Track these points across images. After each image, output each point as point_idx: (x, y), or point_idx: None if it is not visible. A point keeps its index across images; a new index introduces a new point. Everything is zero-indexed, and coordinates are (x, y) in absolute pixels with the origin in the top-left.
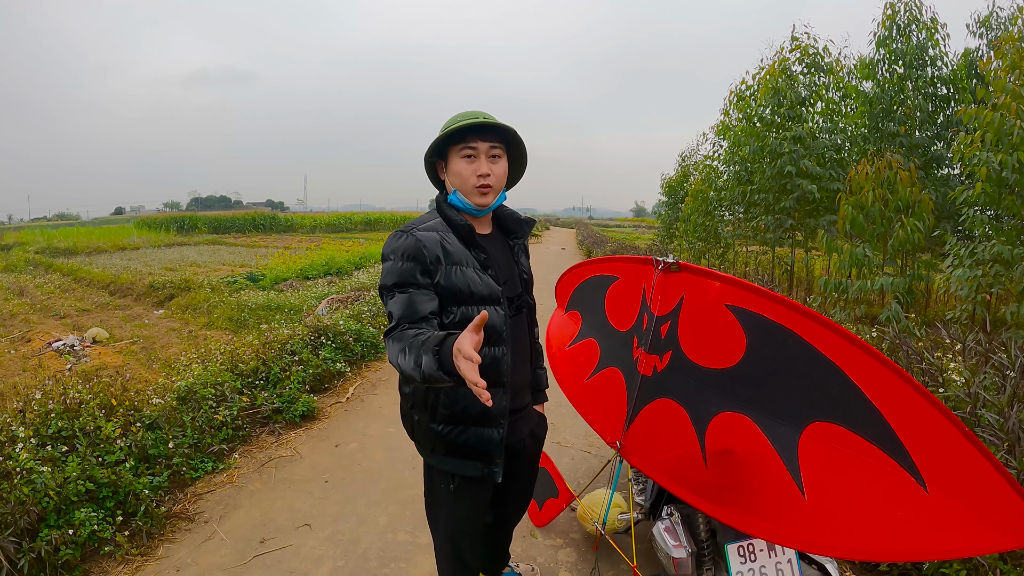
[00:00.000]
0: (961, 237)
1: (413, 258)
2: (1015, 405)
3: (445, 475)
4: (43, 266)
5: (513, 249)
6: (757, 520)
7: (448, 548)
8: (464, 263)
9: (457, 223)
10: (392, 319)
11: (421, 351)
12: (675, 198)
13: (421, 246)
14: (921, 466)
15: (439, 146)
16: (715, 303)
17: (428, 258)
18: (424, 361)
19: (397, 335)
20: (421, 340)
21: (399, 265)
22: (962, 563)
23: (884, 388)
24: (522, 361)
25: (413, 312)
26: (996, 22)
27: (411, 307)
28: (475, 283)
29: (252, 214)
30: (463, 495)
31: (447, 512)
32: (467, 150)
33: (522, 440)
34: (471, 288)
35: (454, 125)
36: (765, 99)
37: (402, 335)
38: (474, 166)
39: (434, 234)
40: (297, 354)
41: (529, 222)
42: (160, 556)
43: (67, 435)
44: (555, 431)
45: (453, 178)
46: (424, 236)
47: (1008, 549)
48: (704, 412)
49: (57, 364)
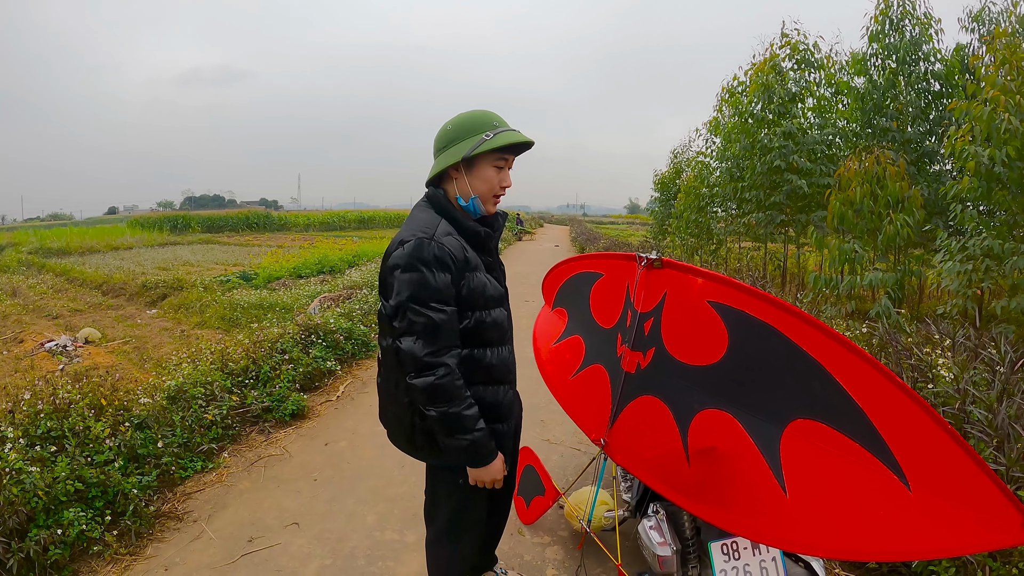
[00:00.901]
0: (952, 232)
1: (445, 267)
2: (1004, 401)
3: (451, 474)
4: (36, 266)
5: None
6: (739, 518)
7: (448, 546)
8: (479, 268)
9: (470, 229)
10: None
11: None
12: (668, 195)
13: (449, 255)
14: (904, 464)
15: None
16: (697, 300)
17: (456, 266)
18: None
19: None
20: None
21: (435, 277)
22: (951, 561)
23: (867, 386)
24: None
25: (453, 336)
26: (988, 17)
27: (452, 330)
28: (489, 287)
29: (246, 213)
30: (468, 491)
31: (451, 510)
32: (501, 161)
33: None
34: (486, 292)
35: (507, 137)
36: (756, 96)
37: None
38: (501, 176)
39: (454, 240)
40: (287, 353)
41: (503, 215)
42: (149, 555)
43: (56, 435)
44: (545, 428)
45: (478, 183)
46: (448, 243)
47: (992, 548)
48: (687, 409)
49: (49, 365)
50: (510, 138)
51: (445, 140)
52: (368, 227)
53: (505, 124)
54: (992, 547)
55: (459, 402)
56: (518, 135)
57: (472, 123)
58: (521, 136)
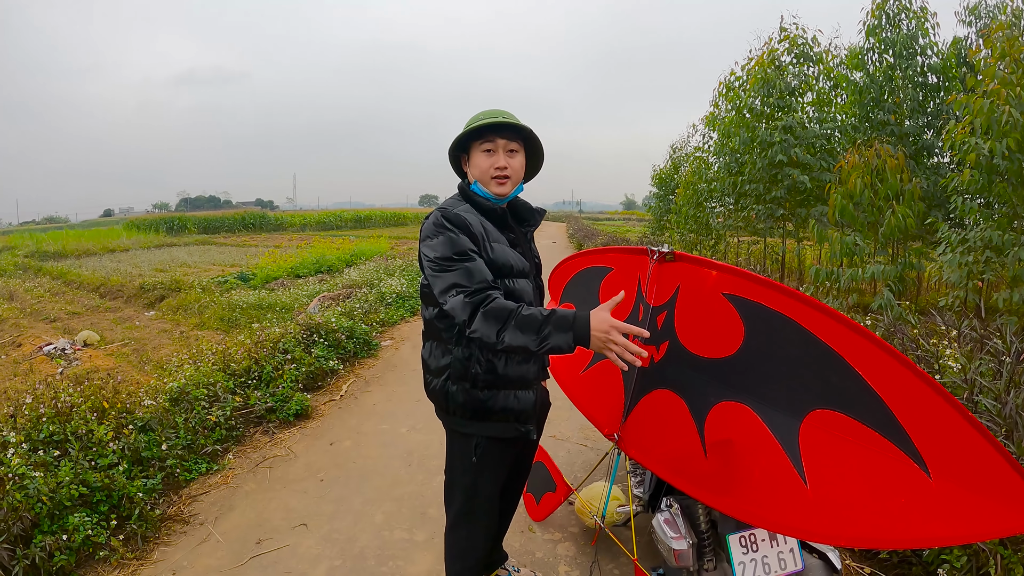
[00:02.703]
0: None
1: (463, 230)
2: (1012, 391)
3: (469, 446)
4: (32, 270)
5: (526, 235)
6: (758, 510)
7: (464, 527)
8: (500, 240)
9: (487, 207)
10: (459, 287)
11: (547, 327)
12: (666, 190)
13: (467, 221)
14: (924, 452)
15: (462, 141)
16: (712, 292)
17: (475, 232)
18: (555, 337)
19: (493, 310)
20: (539, 316)
21: (454, 236)
22: (962, 549)
23: (885, 374)
24: None
25: (482, 277)
26: (985, 10)
27: (479, 273)
28: (512, 258)
29: (242, 213)
30: (487, 465)
31: (467, 487)
32: (487, 145)
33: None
34: (511, 262)
35: (475, 123)
36: (754, 90)
37: (499, 309)
38: (492, 159)
39: (472, 215)
40: (289, 352)
41: (540, 211)
42: (156, 560)
43: (59, 439)
44: (551, 425)
45: (474, 169)
46: (466, 214)
47: (1013, 534)
48: (703, 402)
49: (48, 368)
50: (478, 124)
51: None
52: (365, 226)
53: (497, 115)
54: (1011, 532)
55: (516, 311)
56: (486, 120)
57: (470, 120)
58: (487, 120)
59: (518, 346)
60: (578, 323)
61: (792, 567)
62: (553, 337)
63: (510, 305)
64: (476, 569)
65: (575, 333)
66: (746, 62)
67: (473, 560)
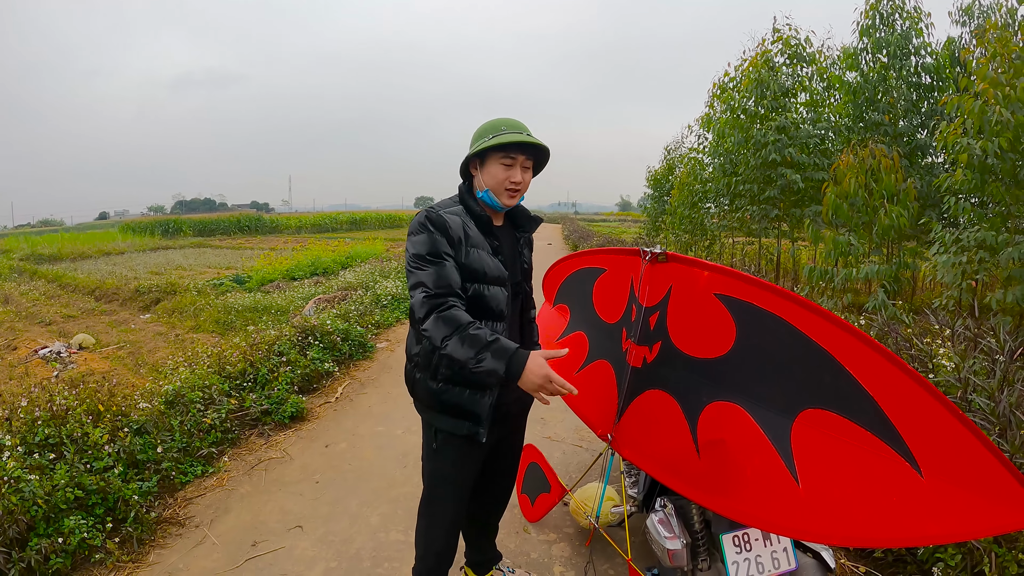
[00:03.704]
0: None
1: (442, 232)
2: (1005, 389)
3: (430, 433)
4: (28, 273)
5: (519, 241)
6: (751, 509)
7: (428, 506)
8: (480, 247)
9: (477, 213)
10: (424, 288)
11: (487, 351)
12: (661, 191)
13: (447, 224)
14: (916, 451)
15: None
16: (704, 292)
17: (453, 235)
18: (489, 362)
19: (446, 316)
20: (484, 338)
21: (432, 236)
22: (957, 547)
23: (876, 374)
24: (515, 336)
25: (447, 282)
26: (978, 10)
27: (445, 277)
28: (488, 265)
29: (237, 216)
30: (446, 455)
31: (430, 472)
32: (507, 159)
33: (508, 405)
34: (485, 269)
35: (504, 138)
36: (748, 91)
37: (451, 318)
38: (509, 173)
39: (457, 218)
40: (285, 355)
41: (537, 219)
42: (151, 562)
43: (54, 442)
44: (546, 426)
45: (488, 178)
46: (449, 217)
47: (1005, 531)
48: (695, 402)
49: (44, 371)
50: (505, 138)
51: (471, 140)
52: (360, 228)
53: (519, 129)
54: (1004, 530)
55: (466, 326)
56: (512, 136)
57: (488, 127)
58: (514, 137)
59: (456, 358)
60: (516, 358)
61: (786, 566)
62: (488, 361)
63: (463, 319)
64: (435, 560)
65: (509, 365)
66: (740, 63)
67: (430, 551)
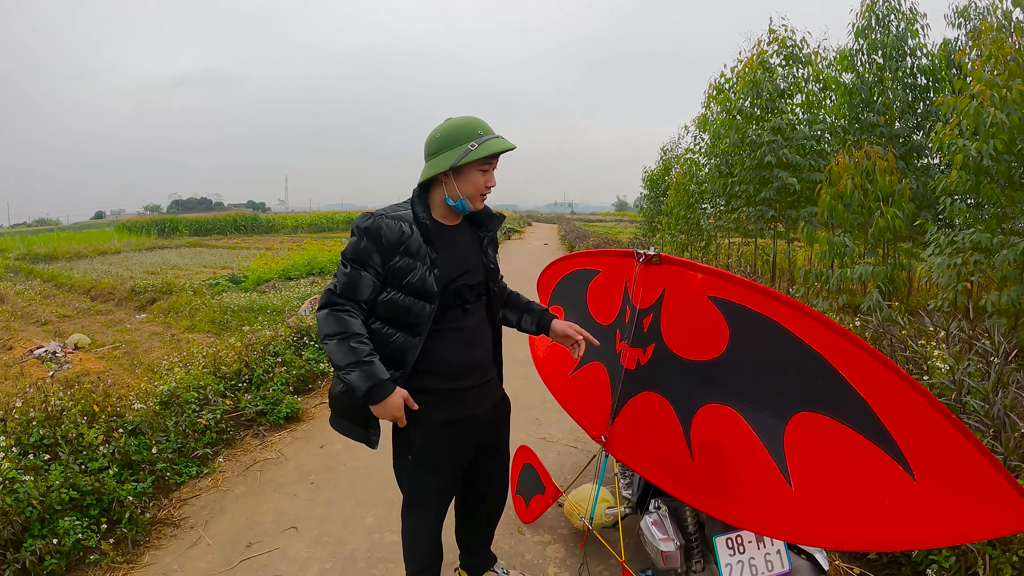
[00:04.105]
0: (942, 226)
1: (373, 240)
2: (1000, 391)
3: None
4: (23, 272)
5: (482, 241)
6: (744, 512)
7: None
8: (415, 256)
9: (421, 221)
10: (335, 287)
11: (357, 368)
12: (657, 191)
13: (382, 232)
14: (908, 454)
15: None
16: (697, 295)
17: (385, 243)
18: (355, 378)
19: (339, 317)
20: (360, 354)
21: (360, 243)
22: (951, 550)
23: (870, 377)
24: (476, 344)
25: (355, 292)
26: (974, 12)
27: (356, 288)
28: (417, 277)
29: (233, 215)
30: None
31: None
32: (485, 165)
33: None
34: (411, 279)
35: (492, 147)
36: (744, 92)
37: (342, 321)
38: (486, 178)
39: (397, 224)
40: (280, 355)
41: (499, 217)
42: (146, 563)
43: (49, 443)
44: (541, 427)
45: (466, 186)
46: (388, 223)
47: (998, 535)
48: (689, 404)
49: (39, 371)
50: (493, 147)
51: (434, 147)
52: None
53: (489, 131)
54: (996, 534)
55: (351, 335)
56: (502, 143)
57: (459, 132)
58: (505, 144)
59: (331, 358)
60: (379, 387)
61: (779, 568)
62: (354, 377)
63: (352, 327)
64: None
65: (371, 389)
66: (736, 64)
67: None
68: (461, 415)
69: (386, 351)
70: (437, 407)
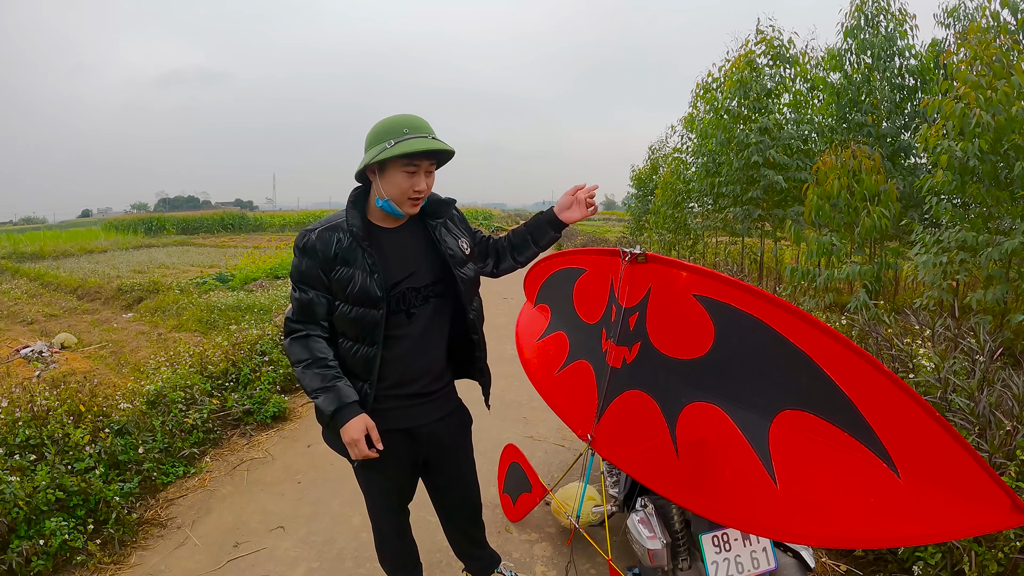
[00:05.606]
0: (928, 225)
1: (311, 257)
2: (985, 389)
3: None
4: (9, 271)
5: (434, 230)
6: (730, 510)
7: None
8: (353, 264)
9: (350, 226)
10: (292, 313)
11: (323, 393)
12: (645, 190)
13: (316, 247)
14: (892, 452)
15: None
16: (683, 293)
17: (323, 257)
18: (322, 401)
19: (301, 344)
20: (325, 379)
21: (302, 264)
22: (937, 546)
23: (854, 375)
24: (422, 351)
25: (311, 315)
26: (964, 13)
27: (309, 309)
28: (356, 285)
29: (221, 214)
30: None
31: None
32: (411, 167)
33: (429, 425)
34: (352, 290)
35: (407, 146)
36: (731, 92)
37: (305, 348)
38: (413, 181)
39: (331, 235)
40: (267, 354)
41: (448, 201)
42: (133, 564)
43: (35, 443)
44: (528, 425)
45: (389, 187)
46: (321, 236)
47: (981, 532)
48: (674, 403)
49: (25, 371)
50: (408, 147)
51: (366, 143)
52: None
53: (422, 130)
54: (981, 531)
55: (315, 361)
56: (421, 143)
57: (383, 130)
58: (420, 145)
59: (299, 379)
60: (345, 412)
61: (765, 566)
62: (322, 400)
63: (314, 351)
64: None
65: (335, 412)
66: (723, 63)
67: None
68: (401, 426)
69: (353, 365)
70: (378, 416)
